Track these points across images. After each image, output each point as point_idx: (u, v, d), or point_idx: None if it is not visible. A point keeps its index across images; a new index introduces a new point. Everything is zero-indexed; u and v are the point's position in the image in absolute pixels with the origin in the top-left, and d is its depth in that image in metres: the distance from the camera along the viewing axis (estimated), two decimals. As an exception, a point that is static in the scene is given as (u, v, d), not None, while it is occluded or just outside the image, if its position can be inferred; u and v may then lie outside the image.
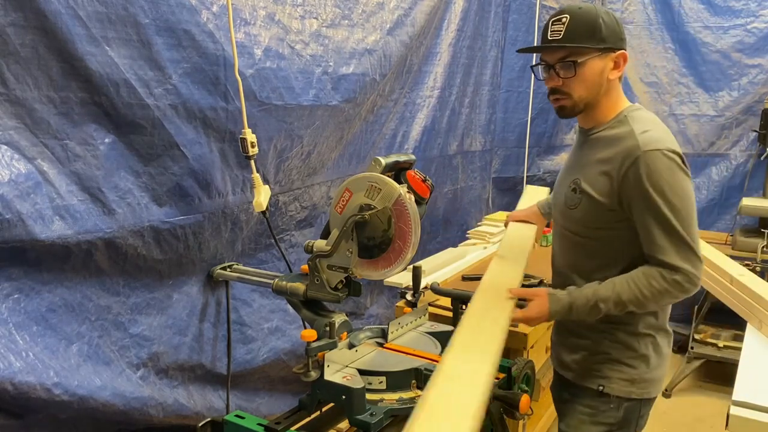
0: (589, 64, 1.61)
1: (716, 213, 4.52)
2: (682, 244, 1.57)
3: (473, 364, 1.30)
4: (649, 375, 1.74)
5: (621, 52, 1.64)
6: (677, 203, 1.56)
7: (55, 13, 1.63)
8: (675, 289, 1.60)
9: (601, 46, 1.60)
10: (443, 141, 3.71)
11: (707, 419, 3.61)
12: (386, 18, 2.87)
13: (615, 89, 1.68)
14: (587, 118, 1.72)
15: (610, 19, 1.63)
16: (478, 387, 1.21)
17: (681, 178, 1.57)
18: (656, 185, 1.55)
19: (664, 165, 1.55)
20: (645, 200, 1.57)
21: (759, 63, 4.30)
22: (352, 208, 1.83)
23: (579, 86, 1.64)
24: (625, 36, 1.68)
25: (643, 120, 1.65)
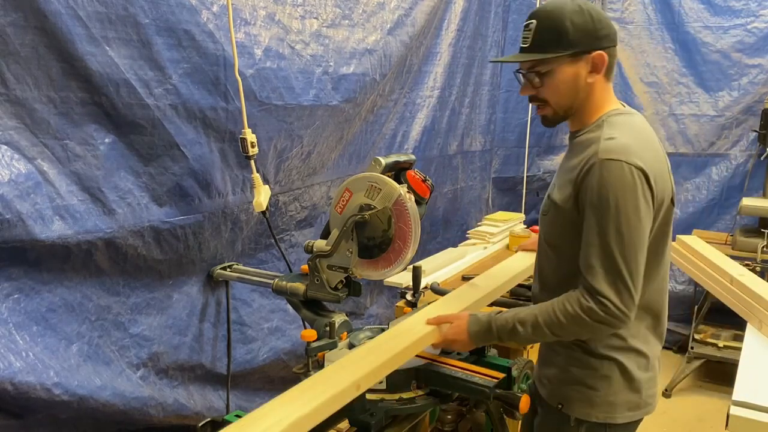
0: (559, 72, 1.50)
1: (716, 213, 4.52)
2: (614, 270, 1.42)
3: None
4: (613, 398, 1.59)
5: (597, 54, 1.48)
6: (622, 224, 1.41)
7: (55, 13, 1.63)
8: (589, 316, 1.44)
9: (568, 51, 1.47)
10: (443, 141, 3.71)
11: (707, 419, 3.61)
12: (386, 18, 2.87)
13: (599, 91, 1.54)
14: (573, 122, 1.61)
15: (583, 18, 1.47)
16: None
17: (636, 197, 1.41)
18: (604, 199, 1.41)
19: (619, 178, 1.40)
20: (590, 211, 1.44)
21: (759, 63, 4.29)
22: (352, 208, 1.83)
23: (552, 94, 1.54)
24: (609, 31, 1.50)
25: (617, 125, 1.50)
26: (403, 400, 1.71)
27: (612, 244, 1.41)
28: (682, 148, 4.60)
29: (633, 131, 1.50)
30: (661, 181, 1.49)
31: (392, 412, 1.67)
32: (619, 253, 1.41)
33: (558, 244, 1.59)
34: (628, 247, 1.42)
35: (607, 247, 1.42)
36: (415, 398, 1.73)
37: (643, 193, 1.42)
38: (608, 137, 1.46)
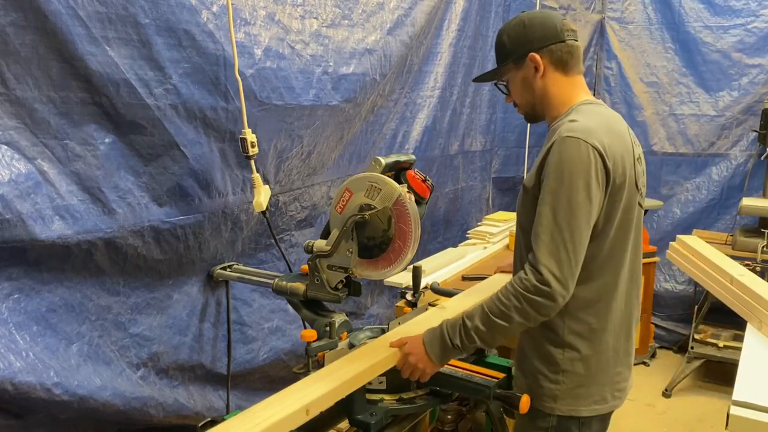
0: (512, 79, 1.70)
1: (716, 213, 4.52)
2: (557, 241, 1.45)
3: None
4: (577, 391, 1.61)
5: (530, 56, 1.63)
6: (572, 198, 1.46)
7: (55, 13, 1.63)
8: (527, 289, 1.47)
9: (506, 62, 1.68)
10: (444, 141, 3.71)
11: (707, 419, 3.61)
12: (386, 18, 2.87)
13: (556, 87, 1.65)
14: (547, 117, 1.72)
15: (516, 29, 1.66)
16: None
17: (588, 175, 1.46)
18: (558, 172, 1.47)
19: (575, 155, 1.47)
20: (544, 184, 1.50)
21: (759, 63, 4.30)
22: (352, 208, 1.83)
23: (516, 97, 1.73)
24: (542, 32, 1.62)
25: (583, 112, 1.59)
26: (403, 400, 1.71)
27: (559, 217, 1.46)
28: (682, 148, 4.60)
29: (597, 117, 1.58)
30: (621, 164, 1.54)
31: (392, 412, 1.67)
32: (565, 225, 1.46)
33: (529, 229, 1.60)
34: (574, 221, 1.46)
35: (553, 219, 1.47)
36: (415, 398, 1.73)
37: (596, 173, 1.48)
38: (571, 120, 1.55)
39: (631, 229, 1.62)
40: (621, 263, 1.61)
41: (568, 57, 1.63)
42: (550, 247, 1.46)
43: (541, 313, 1.49)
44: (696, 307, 3.99)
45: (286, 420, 1.44)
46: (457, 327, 1.58)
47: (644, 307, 4.16)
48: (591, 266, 1.55)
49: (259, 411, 1.46)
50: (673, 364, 4.19)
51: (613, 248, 1.57)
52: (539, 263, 1.46)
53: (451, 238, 3.91)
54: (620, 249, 1.60)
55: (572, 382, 1.61)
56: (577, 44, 1.65)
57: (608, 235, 1.56)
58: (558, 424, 1.63)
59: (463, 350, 1.60)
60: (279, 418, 1.42)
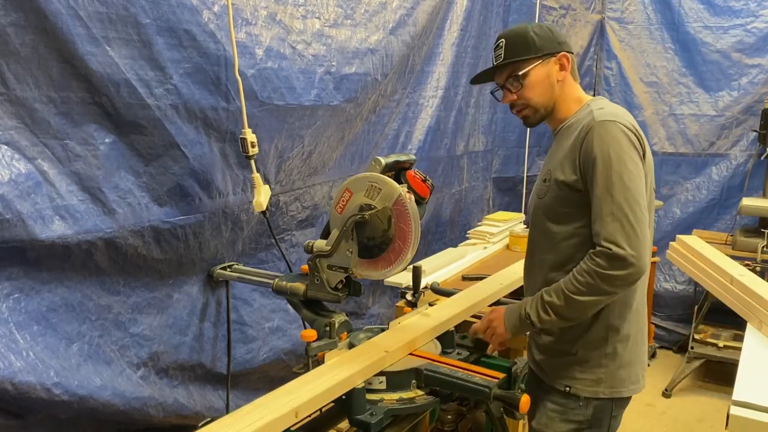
0: (533, 73, 1.73)
1: (716, 213, 4.52)
2: (621, 216, 1.53)
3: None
4: (618, 373, 1.71)
5: (562, 54, 1.74)
6: (624, 174, 1.55)
7: (55, 13, 1.63)
8: (602, 267, 1.54)
9: (538, 54, 1.72)
10: (450, 141, 3.70)
11: (707, 419, 3.61)
12: (388, 18, 2.87)
13: (570, 87, 1.77)
14: (553, 121, 1.80)
15: (543, 30, 1.75)
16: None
17: (631, 152, 1.58)
18: (605, 153, 1.56)
19: (615, 136, 1.57)
20: (593, 168, 1.58)
21: (759, 63, 4.30)
22: (352, 208, 1.83)
23: (531, 94, 1.74)
24: (566, 40, 1.78)
25: (601, 103, 1.72)
26: (403, 400, 1.71)
27: (617, 193, 1.53)
28: (682, 148, 4.60)
29: (616, 107, 1.71)
30: (646, 147, 1.66)
31: (392, 412, 1.67)
32: (624, 201, 1.53)
33: (559, 219, 1.70)
34: (632, 194, 1.54)
35: (613, 197, 1.54)
36: (415, 398, 1.73)
37: (636, 150, 1.59)
38: (598, 108, 1.67)
39: (652, 209, 1.70)
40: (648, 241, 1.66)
41: (575, 67, 1.79)
42: (615, 225, 1.53)
43: (617, 285, 1.56)
44: (696, 307, 3.99)
45: (275, 422, 1.45)
46: (535, 301, 1.68)
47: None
48: None
49: (248, 413, 1.47)
50: (673, 364, 4.19)
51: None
52: (609, 240, 1.53)
53: (455, 238, 3.92)
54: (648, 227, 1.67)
55: (615, 363, 1.69)
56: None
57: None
58: (594, 411, 1.71)
59: (536, 323, 1.68)
60: (268, 421, 1.43)
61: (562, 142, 1.73)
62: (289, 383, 1.64)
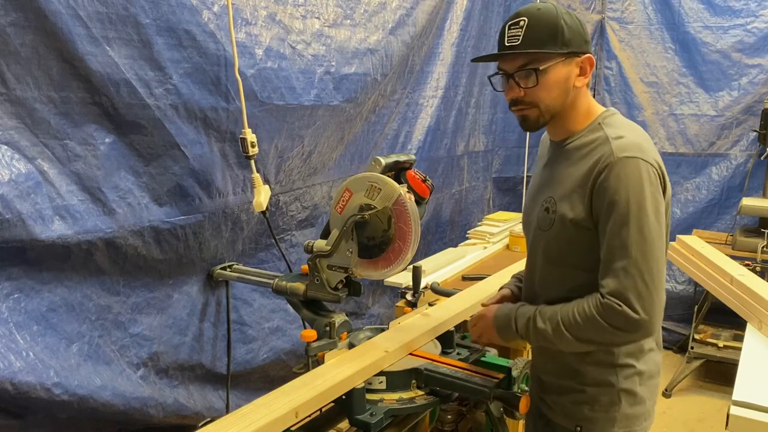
0: (553, 71, 1.46)
1: (716, 213, 4.52)
2: (635, 273, 1.36)
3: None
4: (632, 410, 1.54)
5: (587, 57, 1.49)
6: (644, 224, 1.37)
7: (55, 13, 1.63)
8: (606, 321, 1.38)
9: (564, 50, 1.45)
10: (450, 142, 3.70)
11: (707, 419, 3.61)
12: (388, 18, 2.87)
13: (583, 96, 1.53)
14: (557, 130, 1.58)
15: (573, 20, 1.47)
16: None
17: (654, 197, 1.39)
18: (624, 199, 1.37)
19: (638, 177, 1.38)
20: (610, 212, 1.38)
21: (759, 63, 4.29)
22: (352, 208, 1.83)
23: (543, 95, 1.48)
24: (590, 38, 1.54)
25: (617, 125, 1.50)
26: (403, 400, 1.71)
27: (633, 247, 1.36)
28: (682, 148, 4.60)
29: (633, 129, 1.49)
30: (667, 179, 1.48)
31: (392, 412, 1.67)
32: (641, 256, 1.36)
33: (567, 258, 1.52)
34: (650, 248, 1.37)
35: (628, 250, 1.36)
36: (415, 398, 1.73)
37: (660, 192, 1.41)
38: (616, 136, 1.44)
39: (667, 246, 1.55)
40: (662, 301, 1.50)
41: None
42: (627, 282, 1.37)
43: (617, 343, 1.46)
44: (696, 307, 3.99)
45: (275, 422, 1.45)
46: (526, 317, 1.54)
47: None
48: None
49: (248, 413, 1.48)
50: (673, 364, 4.19)
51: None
52: (616, 297, 1.37)
53: (455, 238, 3.92)
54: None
55: (630, 400, 1.54)
56: None
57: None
58: None
59: (524, 338, 1.58)
60: (268, 421, 1.44)
61: (567, 165, 1.52)
62: (289, 383, 1.64)
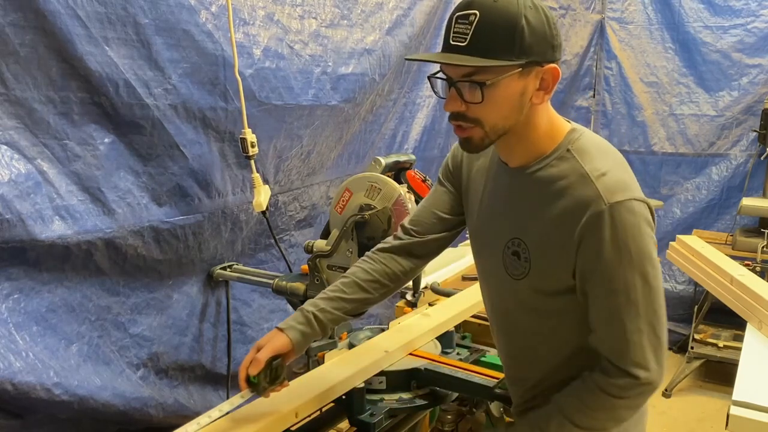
0: (504, 85, 1.13)
1: (716, 213, 4.52)
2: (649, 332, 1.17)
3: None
4: None
5: (550, 67, 1.15)
6: (649, 272, 1.16)
7: (54, 13, 1.63)
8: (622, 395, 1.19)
9: (521, 60, 1.11)
10: (444, 141, 3.70)
11: (707, 419, 3.60)
12: (385, 18, 2.87)
13: (543, 113, 1.21)
14: (511, 153, 1.26)
15: (539, 18, 1.12)
16: None
17: (651, 240, 1.17)
18: (628, 248, 1.14)
19: (633, 222, 1.14)
20: (608, 269, 1.16)
21: (759, 63, 4.29)
22: (352, 208, 1.83)
23: (489, 113, 1.16)
24: (561, 41, 1.17)
25: (588, 150, 1.21)
26: (403, 400, 1.71)
27: (641, 300, 1.16)
28: (682, 148, 4.60)
29: (610, 157, 1.22)
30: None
31: (392, 412, 1.67)
32: (648, 307, 1.17)
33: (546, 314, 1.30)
34: (656, 296, 1.18)
35: (637, 307, 1.16)
36: (415, 398, 1.73)
37: (653, 232, 1.19)
38: (598, 174, 1.16)
39: None
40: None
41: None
42: (640, 341, 1.17)
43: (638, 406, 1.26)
44: (696, 307, 3.98)
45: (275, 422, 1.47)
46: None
47: (644, 307, 4.15)
48: None
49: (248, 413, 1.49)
50: (673, 364, 4.19)
51: None
52: (638, 366, 1.18)
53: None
54: None
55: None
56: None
57: None
58: None
59: None
60: (268, 421, 1.46)
61: (537, 204, 1.23)
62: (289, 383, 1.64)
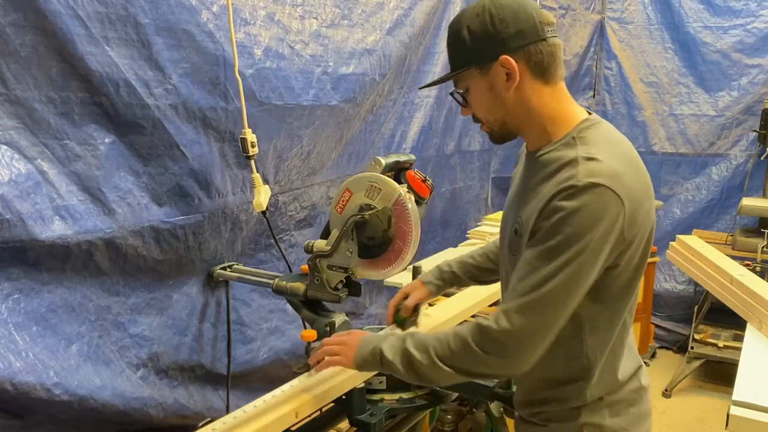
0: (474, 87, 1.32)
1: (716, 213, 4.53)
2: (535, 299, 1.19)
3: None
4: None
5: (502, 58, 1.25)
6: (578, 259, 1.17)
7: (54, 13, 1.63)
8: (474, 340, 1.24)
9: (470, 66, 1.29)
10: (440, 141, 3.70)
11: (707, 419, 3.61)
12: (386, 18, 2.87)
13: (537, 99, 1.30)
14: (527, 139, 1.39)
15: (481, 22, 1.26)
16: None
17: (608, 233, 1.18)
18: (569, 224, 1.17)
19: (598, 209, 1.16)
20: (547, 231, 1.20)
21: (759, 63, 4.30)
22: (352, 208, 1.83)
23: (479, 111, 1.37)
24: (520, 27, 1.24)
25: (595, 140, 1.26)
26: (403, 400, 1.71)
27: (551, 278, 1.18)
28: (682, 148, 4.60)
29: (615, 149, 1.26)
30: (645, 212, 1.26)
31: (392, 412, 1.67)
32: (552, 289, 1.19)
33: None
34: (566, 285, 1.19)
35: (542, 278, 1.19)
36: (415, 398, 1.73)
37: (618, 233, 1.19)
38: (589, 157, 1.20)
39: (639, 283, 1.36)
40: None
41: (550, 60, 1.28)
42: (517, 298, 1.22)
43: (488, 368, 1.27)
44: (696, 307, 3.99)
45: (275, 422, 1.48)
46: (398, 341, 1.36)
47: (644, 307, 4.17)
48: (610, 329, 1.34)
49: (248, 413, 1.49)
50: (673, 364, 4.19)
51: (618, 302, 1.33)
52: (500, 313, 1.23)
53: (450, 238, 3.91)
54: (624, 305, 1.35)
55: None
56: (559, 42, 1.30)
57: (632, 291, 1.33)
58: None
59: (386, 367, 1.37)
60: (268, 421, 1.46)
61: (537, 182, 1.29)
62: (288, 383, 1.64)
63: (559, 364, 1.35)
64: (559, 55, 1.30)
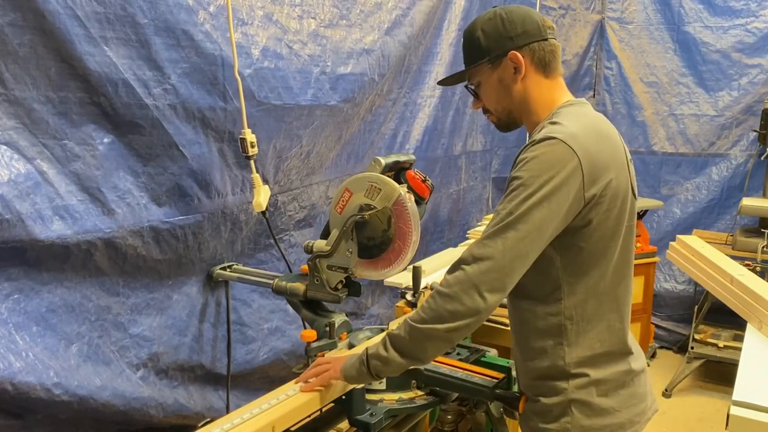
0: (485, 81, 1.53)
1: (716, 213, 4.53)
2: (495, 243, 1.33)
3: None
4: (591, 422, 1.42)
5: (511, 54, 1.46)
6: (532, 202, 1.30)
7: (53, 13, 1.63)
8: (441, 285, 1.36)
9: (484, 60, 1.50)
10: (447, 141, 3.70)
11: (707, 419, 3.61)
12: (384, 18, 2.87)
13: (537, 89, 1.50)
14: (528, 127, 1.57)
15: (493, 24, 1.49)
16: None
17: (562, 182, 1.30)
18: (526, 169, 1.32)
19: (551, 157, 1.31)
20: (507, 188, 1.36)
21: (759, 63, 4.30)
22: (351, 208, 1.83)
23: (489, 102, 1.56)
24: (525, 28, 1.46)
25: (565, 114, 1.44)
26: (403, 400, 1.71)
27: (508, 220, 1.32)
28: (682, 148, 4.61)
29: (582, 119, 1.42)
30: (608, 172, 1.37)
31: (392, 412, 1.67)
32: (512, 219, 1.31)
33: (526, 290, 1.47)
34: (524, 219, 1.30)
35: (501, 222, 1.33)
36: (415, 398, 1.73)
37: (578, 187, 1.32)
38: (554, 122, 1.39)
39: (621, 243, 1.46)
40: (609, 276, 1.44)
41: (550, 57, 1.49)
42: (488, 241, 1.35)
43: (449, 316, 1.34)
44: (696, 307, 3.99)
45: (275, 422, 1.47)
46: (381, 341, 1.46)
47: (644, 307, 4.16)
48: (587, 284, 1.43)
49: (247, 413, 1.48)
50: (673, 364, 4.19)
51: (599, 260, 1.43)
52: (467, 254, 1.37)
53: (453, 238, 3.91)
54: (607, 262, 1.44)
55: (584, 412, 1.43)
56: (558, 43, 1.52)
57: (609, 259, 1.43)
58: None
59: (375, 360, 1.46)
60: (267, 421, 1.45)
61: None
62: (288, 383, 1.64)
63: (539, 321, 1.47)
64: (557, 53, 1.51)
